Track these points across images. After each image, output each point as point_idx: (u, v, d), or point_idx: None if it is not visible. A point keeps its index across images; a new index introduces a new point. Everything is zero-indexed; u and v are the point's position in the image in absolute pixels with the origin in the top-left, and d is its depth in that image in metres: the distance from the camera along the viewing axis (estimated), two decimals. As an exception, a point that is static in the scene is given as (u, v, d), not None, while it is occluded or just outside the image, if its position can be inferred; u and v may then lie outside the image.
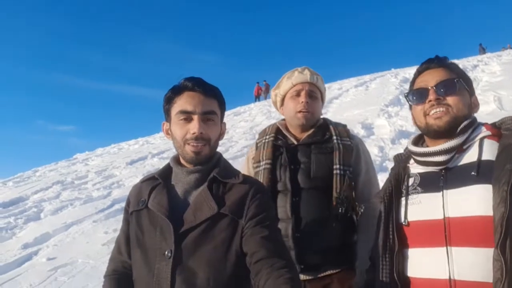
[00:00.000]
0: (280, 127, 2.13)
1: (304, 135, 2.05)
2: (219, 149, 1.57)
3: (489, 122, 1.42)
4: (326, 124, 2.10)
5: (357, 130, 9.64)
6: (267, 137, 2.10)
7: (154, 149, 13.00)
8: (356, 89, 16.98)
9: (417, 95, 1.44)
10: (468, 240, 1.22)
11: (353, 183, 1.93)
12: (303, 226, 1.88)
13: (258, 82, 26.00)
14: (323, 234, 1.88)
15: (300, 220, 1.88)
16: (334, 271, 1.90)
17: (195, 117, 1.41)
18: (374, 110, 11.57)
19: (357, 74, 22.14)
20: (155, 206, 1.41)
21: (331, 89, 18.53)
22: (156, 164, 10.55)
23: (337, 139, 1.99)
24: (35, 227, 6.64)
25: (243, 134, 12.63)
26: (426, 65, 1.46)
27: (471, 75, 14.12)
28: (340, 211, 1.86)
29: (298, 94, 2.04)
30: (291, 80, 2.07)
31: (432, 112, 1.37)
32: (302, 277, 1.88)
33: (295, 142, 2.04)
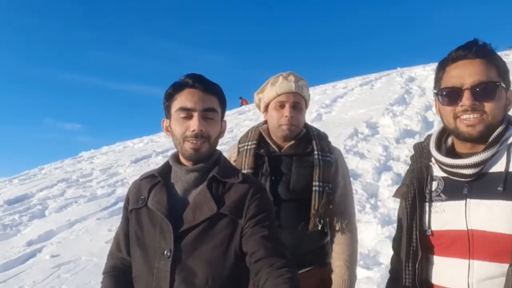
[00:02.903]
0: (263, 133, 2.12)
1: (286, 144, 2.06)
2: (223, 147, 1.56)
3: None
4: (308, 136, 2.09)
5: (361, 129, 9.61)
6: (249, 143, 2.09)
7: (158, 148, 13.02)
8: (361, 88, 16.92)
9: (448, 95, 1.26)
10: (490, 255, 1.18)
11: (331, 197, 1.97)
12: (282, 235, 1.92)
13: (241, 97, 25.69)
14: (300, 243, 1.94)
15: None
16: (306, 269, 1.97)
17: (195, 114, 1.39)
18: (379, 109, 11.53)
19: (362, 73, 22.06)
20: (154, 205, 1.40)
21: (336, 88, 18.48)
22: (160, 163, 10.45)
23: (318, 154, 2.00)
24: (39, 224, 6.68)
25: (247, 133, 12.62)
26: (463, 53, 1.25)
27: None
28: (316, 226, 1.92)
29: (282, 106, 2.01)
30: (275, 88, 2.03)
31: (464, 117, 1.22)
32: None
33: (277, 151, 2.05)
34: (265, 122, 2.18)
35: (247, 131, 2.20)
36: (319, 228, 1.94)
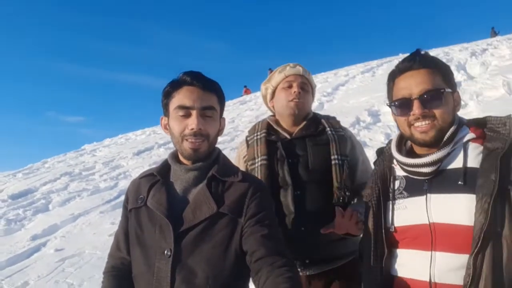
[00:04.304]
0: (271, 123, 2.10)
1: (296, 129, 2.02)
2: (225, 138, 1.55)
3: (482, 114, 1.36)
4: (317, 118, 2.08)
5: (363, 117, 9.57)
6: (259, 133, 2.06)
7: (160, 139, 13.02)
8: (363, 75, 16.82)
9: (400, 106, 1.36)
10: (451, 246, 1.24)
11: (352, 170, 1.91)
12: (308, 219, 1.85)
13: (245, 86, 25.67)
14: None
15: (304, 213, 1.85)
16: (340, 264, 1.88)
17: (194, 112, 1.38)
18: (381, 97, 11.45)
19: (364, 59, 21.90)
20: (154, 204, 1.40)
21: (338, 75, 18.38)
22: (162, 155, 10.58)
23: (331, 130, 1.98)
24: (43, 218, 6.72)
25: (248, 123, 12.58)
26: (408, 64, 1.36)
27: (480, 59, 13.93)
28: (342, 199, 1.84)
29: (290, 86, 2.02)
30: (283, 72, 2.05)
31: (417, 124, 1.32)
32: (308, 272, 1.87)
33: (288, 137, 2.01)
34: (272, 115, 2.17)
35: (253, 125, 2.17)
36: (345, 201, 1.84)
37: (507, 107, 8.04)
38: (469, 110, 8.72)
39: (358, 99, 12.08)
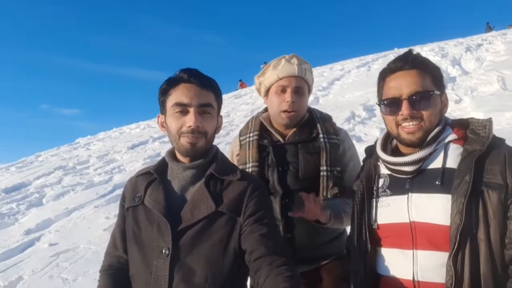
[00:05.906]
0: (264, 122, 2.03)
1: (289, 132, 1.97)
2: (220, 132, 1.54)
3: (474, 112, 1.37)
4: (312, 119, 2.00)
5: (358, 112, 9.60)
6: (251, 135, 2.00)
7: (155, 133, 12.97)
8: (358, 70, 16.86)
9: (389, 105, 1.37)
10: (432, 244, 1.26)
11: (339, 180, 1.87)
12: (294, 227, 1.86)
13: (241, 80, 25.70)
14: (314, 233, 1.87)
15: (291, 221, 1.85)
16: (324, 262, 1.91)
17: (191, 109, 1.37)
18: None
19: (359, 54, 21.91)
20: (151, 203, 1.38)
21: (333, 70, 18.39)
22: (157, 149, 10.55)
23: (323, 137, 1.91)
24: (37, 212, 6.68)
25: (244, 117, 12.58)
26: (399, 64, 1.36)
27: (475, 54, 13.97)
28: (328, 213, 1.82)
29: (283, 90, 1.92)
30: (277, 71, 1.93)
31: (405, 124, 1.34)
32: None
33: (281, 140, 1.96)
34: (265, 110, 2.10)
35: (247, 122, 2.11)
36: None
37: (501, 102, 8.08)
38: (464, 105, 8.76)
39: (353, 93, 12.11)
